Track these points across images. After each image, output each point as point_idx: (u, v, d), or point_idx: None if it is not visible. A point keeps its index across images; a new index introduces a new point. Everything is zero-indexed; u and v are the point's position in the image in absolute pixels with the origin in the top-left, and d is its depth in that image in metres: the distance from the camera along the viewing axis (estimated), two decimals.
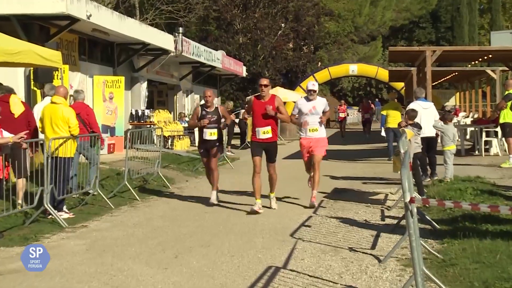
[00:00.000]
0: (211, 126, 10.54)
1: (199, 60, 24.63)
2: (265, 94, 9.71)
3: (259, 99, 9.76)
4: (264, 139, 9.77)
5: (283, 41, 41.64)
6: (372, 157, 19.58)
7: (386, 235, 7.93)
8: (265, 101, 9.68)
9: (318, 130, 10.17)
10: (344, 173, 15.24)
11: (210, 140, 10.57)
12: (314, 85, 10.22)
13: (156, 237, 8.09)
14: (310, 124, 10.16)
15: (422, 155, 10.94)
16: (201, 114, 10.59)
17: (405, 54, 19.50)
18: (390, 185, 12.71)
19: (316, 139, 10.22)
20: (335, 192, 12.19)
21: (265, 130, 9.69)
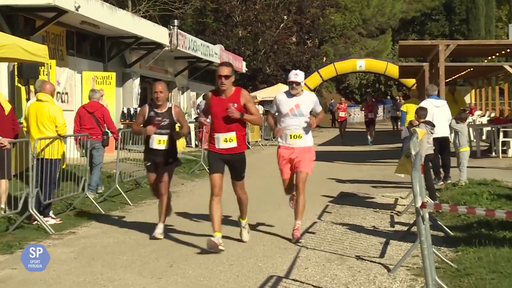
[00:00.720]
0: (160, 132, 8.32)
1: (196, 55, 24.65)
2: (226, 88, 7.46)
3: (218, 95, 7.54)
4: (226, 149, 7.52)
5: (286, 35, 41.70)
6: (381, 158, 19.57)
7: (395, 243, 7.93)
8: (226, 98, 7.45)
9: (303, 137, 8.03)
10: (350, 176, 15.23)
11: (159, 150, 8.34)
12: (297, 75, 8.07)
13: (149, 245, 8.08)
14: (292, 128, 8.04)
15: (434, 156, 10.93)
16: (148, 116, 8.35)
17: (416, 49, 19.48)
18: (400, 189, 12.71)
19: (300, 149, 8.05)
20: (341, 196, 12.19)
21: (227, 137, 7.48)
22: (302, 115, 8.02)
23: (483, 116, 27.54)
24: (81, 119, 11.98)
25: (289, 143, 8.14)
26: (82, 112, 12.09)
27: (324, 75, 39.37)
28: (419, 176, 5.17)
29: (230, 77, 7.51)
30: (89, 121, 11.89)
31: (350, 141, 27.84)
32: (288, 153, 8.17)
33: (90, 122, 11.88)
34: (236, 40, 40.27)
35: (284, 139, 8.18)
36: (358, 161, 19.16)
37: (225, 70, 7.49)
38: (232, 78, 7.57)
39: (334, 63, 40.06)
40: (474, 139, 18.93)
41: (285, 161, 8.24)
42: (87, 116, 11.96)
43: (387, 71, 38.86)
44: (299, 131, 8.02)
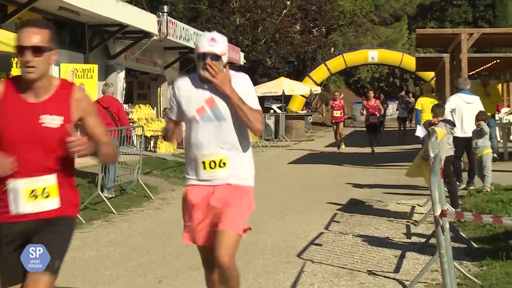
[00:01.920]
0: None
1: (188, 45, 24.65)
2: (36, 76, 3.93)
3: (18, 92, 4.00)
4: (27, 216, 4.06)
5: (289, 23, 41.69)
6: (396, 161, 19.58)
7: (412, 256, 7.93)
8: (39, 102, 3.98)
9: (227, 167, 4.81)
10: (362, 181, 15.24)
11: None
12: (214, 41, 4.63)
13: (136, 258, 8.09)
14: (206, 147, 4.80)
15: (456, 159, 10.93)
16: None
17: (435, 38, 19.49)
18: (418, 195, 12.71)
19: (223, 189, 4.87)
20: (351, 203, 12.20)
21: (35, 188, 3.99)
22: (223, 118, 4.73)
23: (511, 114, 27.53)
24: None
25: (204, 178, 4.90)
26: (97, 107, 12.14)
27: (332, 68, 39.41)
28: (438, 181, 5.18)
29: (42, 52, 3.95)
30: (104, 116, 12.44)
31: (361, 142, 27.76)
32: (200, 195, 4.95)
33: (105, 117, 12.46)
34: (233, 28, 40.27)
35: (194, 170, 4.99)
36: (370, 164, 19.16)
37: (31, 37, 3.92)
38: (53, 56, 4.07)
39: (343, 54, 40.12)
40: (501, 140, 18.93)
41: (197, 216, 5.03)
42: (102, 111, 12.53)
43: (403, 63, 38.90)
44: (220, 153, 4.78)
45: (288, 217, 10.86)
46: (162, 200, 12.98)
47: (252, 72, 41.28)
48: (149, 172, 15.74)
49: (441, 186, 6.34)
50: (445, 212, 5.00)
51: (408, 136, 26.67)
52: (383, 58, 39.68)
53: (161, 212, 11.63)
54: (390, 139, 28.55)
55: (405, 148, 24.24)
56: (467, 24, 56.94)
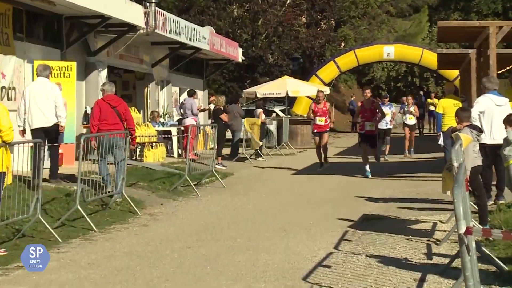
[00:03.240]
0: None
1: (179, 39, 24.68)
2: None
3: None
4: None
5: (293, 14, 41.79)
6: (415, 172, 19.56)
7: (434, 279, 7.92)
8: None
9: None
10: (376, 194, 15.23)
11: None
12: None
13: (120, 282, 8.08)
14: None
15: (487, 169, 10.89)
16: None
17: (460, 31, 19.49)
18: (440, 210, 12.71)
19: None
20: (365, 219, 12.19)
21: None
22: None
23: None
24: (102, 113, 13.52)
25: None
26: (103, 106, 13.69)
27: (342, 66, 39.41)
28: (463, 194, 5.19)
29: None
30: (111, 116, 13.53)
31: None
32: None
33: (113, 117, 13.53)
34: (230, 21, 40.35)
35: None
36: (385, 175, 19.14)
37: None
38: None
39: (354, 50, 40.12)
40: None
41: None
42: (109, 110, 13.57)
43: (423, 60, 38.90)
44: None
45: (292, 234, 10.85)
46: (150, 216, 12.97)
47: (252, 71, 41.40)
48: (134, 184, 15.74)
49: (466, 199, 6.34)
50: (471, 230, 5.01)
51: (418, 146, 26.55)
52: (401, 55, 39.67)
53: (148, 229, 11.63)
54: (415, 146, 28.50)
55: (425, 157, 24.24)
56: (496, 15, 57.02)
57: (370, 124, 19.07)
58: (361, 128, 19.44)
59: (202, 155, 20.25)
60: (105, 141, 13.22)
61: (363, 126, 19.27)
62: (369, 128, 19.08)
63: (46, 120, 13.83)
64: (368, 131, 19.08)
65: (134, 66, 24.94)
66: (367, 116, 19.07)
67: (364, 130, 19.20)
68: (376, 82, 57.92)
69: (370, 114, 19.08)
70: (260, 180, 18.47)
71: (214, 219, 12.35)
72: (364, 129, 19.18)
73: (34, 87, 13.98)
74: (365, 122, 19.11)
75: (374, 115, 19.17)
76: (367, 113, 19.10)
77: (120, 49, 22.53)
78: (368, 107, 19.15)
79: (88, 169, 12.96)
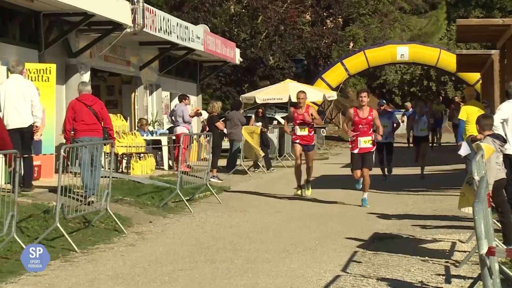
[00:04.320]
0: None
1: (170, 39, 24.71)
2: None
3: None
4: None
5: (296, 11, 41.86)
6: (432, 186, 19.54)
7: None
8: None
9: None
10: (388, 210, 15.23)
11: None
12: None
13: None
14: None
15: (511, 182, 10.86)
16: None
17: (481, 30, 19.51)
18: (460, 229, 12.70)
19: None
20: (376, 238, 12.18)
21: None
22: None
23: None
24: (77, 114, 14.11)
25: None
26: (77, 106, 14.29)
27: (350, 68, 39.51)
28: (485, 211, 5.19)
29: None
30: (88, 115, 14.14)
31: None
32: None
33: (89, 117, 14.14)
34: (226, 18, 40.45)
35: None
36: (399, 188, 19.13)
37: None
38: None
39: (364, 51, 40.27)
40: None
41: None
42: (85, 110, 14.19)
43: (440, 62, 39.02)
44: None
45: (295, 255, 10.84)
46: (137, 235, 12.96)
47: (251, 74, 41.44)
48: (120, 200, 15.72)
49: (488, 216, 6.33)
50: (494, 250, 5.00)
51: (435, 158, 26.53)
52: (415, 56, 39.79)
53: (135, 249, 11.61)
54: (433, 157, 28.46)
55: (443, 169, 24.22)
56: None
57: (365, 140, 15.84)
58: (354, 147, 15.96)
59: (195, 167, 20.25)
60: (87, 146, 13.74)
61: (356, 144, 15.88)
62: (364, 146, 15.80)
63: (22, 120, 14.03)
64: (363, 149, 15.85)
65: (120, 69, 24.95)
66: (363, 130, 15.86)
67: (357, 148, 15.86)
68: (388, 86, 57.94)
69: (367, 127, 15.87)
70: (259, 195, 18.46)
71: (208, 239, 12.33)
72: (358, 146, 15.85)
73: (9, 85, 14.16)
74: (359, 138, 15.80)
75: (370, 128, 15.91)
76: (363, 125, 15.84)
77: (105, 50, 22.54)
78: (365, 116, 15.88)
79: (69, 183, 12.95)
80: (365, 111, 15.92)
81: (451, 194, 16.92)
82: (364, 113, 15.89)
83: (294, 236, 12.44)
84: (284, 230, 13.16)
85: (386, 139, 19.93)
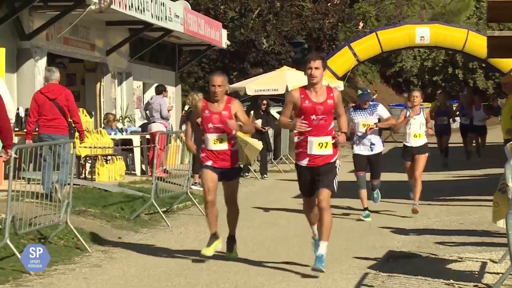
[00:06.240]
0: None
1: (142, 18, 24.67)
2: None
3: None
4: None
5: None
6: (459, 194, 19.56)
7: None
8: None
9: None
10: (405, 224, 15.26)
11: None
12: None
13: None
14: None
15: None
16: None
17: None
18: (491, 246, 12.72)
19: None
20: (390, 258, 12.20)
21: None
22: None
23: None
24: (40, 107, 14.82)
25: None
26: (40, 99, 14.97)
27: (360, 53, 39.49)
28: None
29: None
30: (50, 110, 14.88)
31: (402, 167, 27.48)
32: None
33: (51, 111, 14.87)
34: None
35: None
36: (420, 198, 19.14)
37: None
38: None
39: (377, 33, 40.24)
40: None
41: None
42: (47, 103, 14.89)
43: (468, 46, 39.02)
44: None
45: (294, 277, 10.86)
46: (103, 253, 12.96)
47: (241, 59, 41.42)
48: (84, 211, 15.72)
49: None
50: None
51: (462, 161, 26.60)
52: (438, 38, 39.78)
53: (101, 271, 11.61)
54: (456, 159, 28.56)
55: (471, 174, 24.26)
56: None
57: (320, 142, 11.15)
58: (300, 155, 11.35)
59: (173, 173, 20.24)
60: (46, 140, 14.40)
61: (304, 149, 11.23)
62: (319, 152, 11.18)
63: None
64: (317, 159, 11.24)
65: (83, 54, 24.92)
66: (318, 125, 11.11)
67: (306, 157, 11.26)
68: (405, 75, 58.02)
69: (324, 119, 11.11)
70: (251, 206, 18.45)
71: (190, 258, 12.32)
72: (308, 153, 11.22)
73: None
74: (310, 138, 11.12)
75: (330, 121, 11.27)
76: (318, 115, 11.04)
77: (64, 31, 22.51)
78: (320, 101, 11.07)
79: (22, 190, 12.93)
80: (319, 92, 11.07)
81: (481, 205, 16.96)
82: (318, 95, 11.10)
83: (292, 254, 12.45)
84: (280, 247, 13.17)
85: (371, 150, 16.56)
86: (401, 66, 57.36)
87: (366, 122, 16.21)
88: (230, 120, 11.73)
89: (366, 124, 16.16)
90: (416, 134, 16.81)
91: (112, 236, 14.38)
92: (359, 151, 16.46)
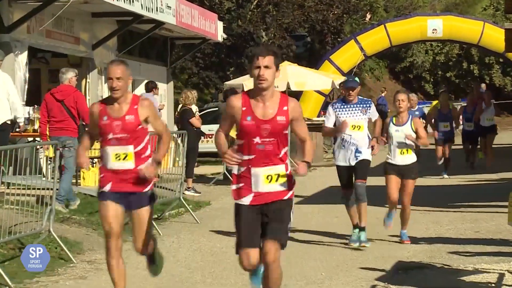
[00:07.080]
0: None
1: (131, 9, 24.68)
2: None
3: None
4: None
5: None
6: (474, 200, 19.57)
7: None
8: None
9: None
10: (416, 232, 15.27)
11: None
12: None
13: None
14: None
15: None
16: None
17: None
18: (509, 256, 12.73)
19: None
20: (400, 269, 12.22)
21: None
22: None
23: None
24: (49, 109, 15.52)
25: None
26: (49, 100, 15.63)
27: (367, 47, 39.52)
28: None
29: None
30: (58, 111, 15.44)
31: None
32: None
33: (60, 113, 15.43)
34: None
35: None
36: (430, 203, 19.16)
37: None
38: None
39: (385, 25, 40.26)
40: None
41: None
42: (55, 105, 15.49)
43: (484, 40, 39.06)
44: None
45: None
46: (89, 264, 12.96)
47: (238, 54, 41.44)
48: (68, 219, 15.74)
49: None
50: None
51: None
52: (452, 31, 39.82)
53: (86, 283, 11.62)
54: (459, 164, 28.57)
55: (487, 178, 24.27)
56: None
57: (268, 174, 9.07)
58: (241, 191, 9.07)
59: (165, 177, 20.24)
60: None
61: (246, 183, 9.06)
62: (267, 188, 9.04)
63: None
64: (266, 197, 9.07)
65: (67, 48, 24.94)
66: (264, 151, 9.04)
67: (251, 193, 8.98)
68: (416, 70, 58.05)
69: (273, 143, 9.04)
70: None
71: (182, 269, 12.35)
72: (252, 191, 9.00)
73: None
74: (254, 169, 8.99)
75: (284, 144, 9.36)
76: (264, 138, 8.95)
77: (47, 23, 22.53)
78: (268, 117, 9.00)
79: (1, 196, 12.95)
80: (269, 103, 9.01)
81: (498, 211, 16.95)
82: (266, 107, 9.01)
83: (293, 265, 12.46)
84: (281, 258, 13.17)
85: (356, 157, 14.59)
86: (412, 61, 57.37)
87: (357, 122, 14.31)
88: (144, 168, 9.85)
89: (356, 126, 14.29)
90: (403, 151, 14.47)
91: (98, 245, 14.37)
92: (343, 162, 14.47)
